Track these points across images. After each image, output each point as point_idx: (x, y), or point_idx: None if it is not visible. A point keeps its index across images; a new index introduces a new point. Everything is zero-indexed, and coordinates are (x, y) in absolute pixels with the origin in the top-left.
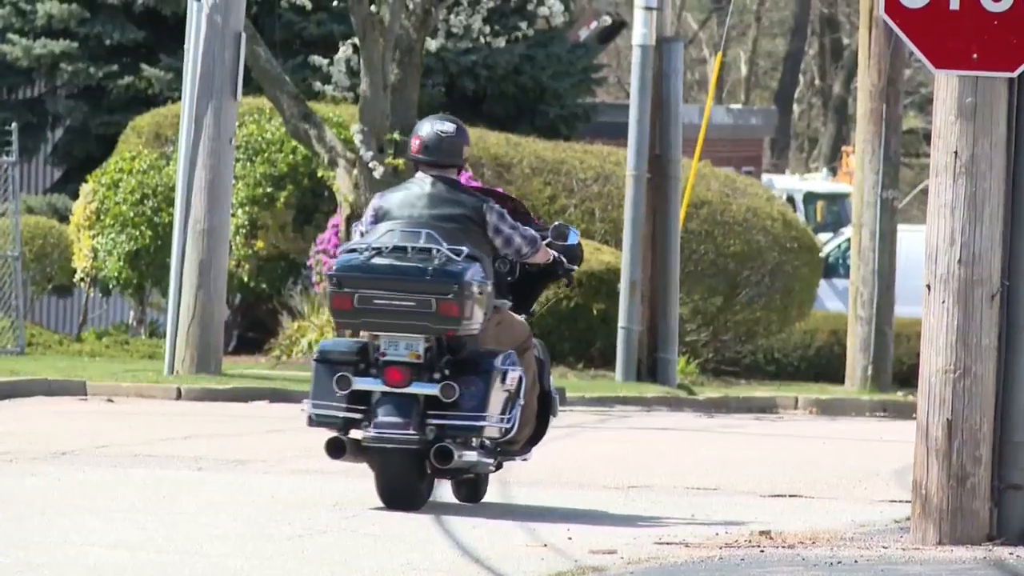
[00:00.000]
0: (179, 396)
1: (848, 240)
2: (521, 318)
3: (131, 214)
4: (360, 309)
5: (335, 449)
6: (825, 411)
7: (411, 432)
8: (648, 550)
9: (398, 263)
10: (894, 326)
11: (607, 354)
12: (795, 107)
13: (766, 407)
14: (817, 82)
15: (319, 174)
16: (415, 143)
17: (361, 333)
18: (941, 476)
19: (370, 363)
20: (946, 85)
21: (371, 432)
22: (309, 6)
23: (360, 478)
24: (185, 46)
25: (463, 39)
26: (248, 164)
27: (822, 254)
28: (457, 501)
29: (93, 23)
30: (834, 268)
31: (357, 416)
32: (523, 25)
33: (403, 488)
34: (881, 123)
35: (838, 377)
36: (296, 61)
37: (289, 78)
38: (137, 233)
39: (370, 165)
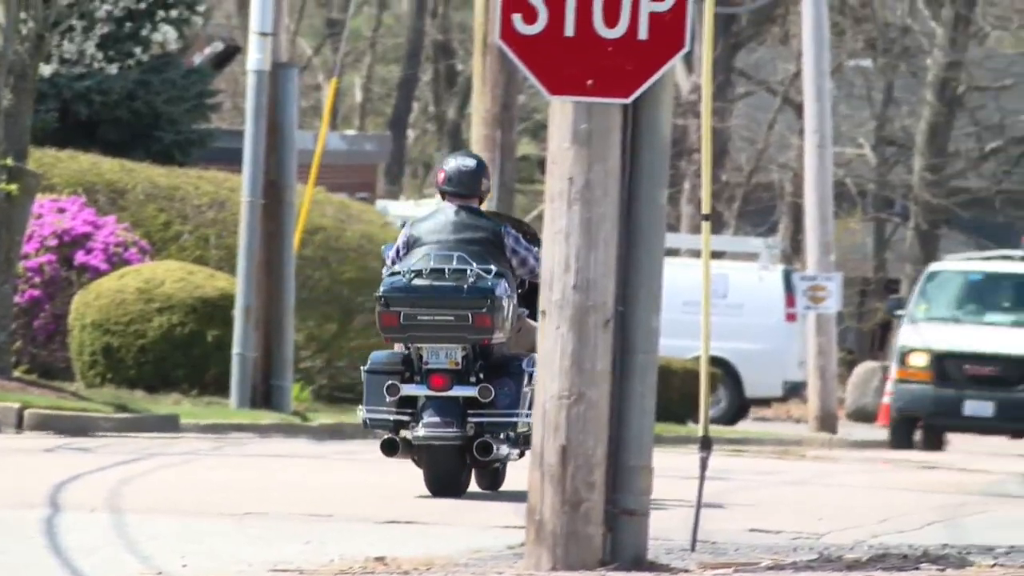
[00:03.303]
0: None
1: None
2: (534, 323)
3: None
4: (406, 325)
5: (389, 448)
6: None
7: (455, 430)
8: None
9: (437, 283)
10: None
11: (222, 380)
12: (410, 133)
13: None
14: (431, 108)
15: None
16: (440, 176)
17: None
18: (555, 501)
19: (415, 371)
20: (561, 111)
21: (420, 432)
22: None
23: None
24: None
25: (77, 64)
26: None
27: None
28: (480, 489)
29: None
30: None
31: (406, 418)
32: (137, 51)
33: (449, 479)
34: (495, 149)
35: None
36: None
37: None
38: None
39: None
